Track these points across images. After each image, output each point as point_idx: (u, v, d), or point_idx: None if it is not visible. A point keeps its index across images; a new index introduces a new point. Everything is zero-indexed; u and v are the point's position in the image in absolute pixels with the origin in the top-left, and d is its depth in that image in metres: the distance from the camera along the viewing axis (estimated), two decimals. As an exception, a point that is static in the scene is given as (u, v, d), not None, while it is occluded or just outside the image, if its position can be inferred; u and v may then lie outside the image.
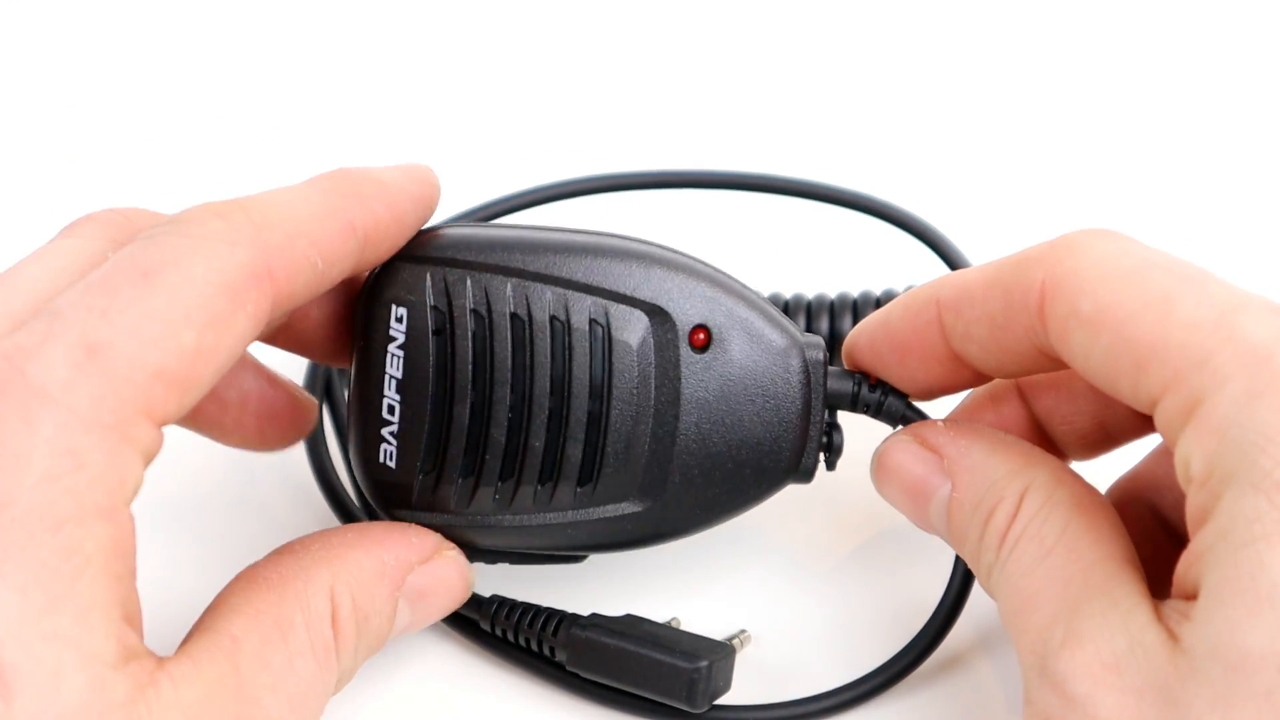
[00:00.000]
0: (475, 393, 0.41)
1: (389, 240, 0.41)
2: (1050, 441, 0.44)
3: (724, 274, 0.43)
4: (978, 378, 0.42)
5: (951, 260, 0.54)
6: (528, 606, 0.45)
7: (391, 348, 0.41)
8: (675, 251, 0.43)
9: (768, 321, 0.42)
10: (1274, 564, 0.33)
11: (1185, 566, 0.35)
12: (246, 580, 0.39)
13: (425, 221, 0.42)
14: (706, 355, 0.41)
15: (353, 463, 0.43)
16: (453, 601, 0.43)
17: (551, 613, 0.45)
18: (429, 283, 0.41)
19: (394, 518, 0.43)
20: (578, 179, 0.57)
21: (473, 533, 0.42)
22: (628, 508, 0.42)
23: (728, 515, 0.43)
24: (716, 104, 0.74)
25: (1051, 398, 0.44)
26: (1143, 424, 0.43)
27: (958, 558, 0.44)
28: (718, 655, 0.43)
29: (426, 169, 0.42)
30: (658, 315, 0.41)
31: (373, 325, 0.42)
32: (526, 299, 0.41)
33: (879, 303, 0.54)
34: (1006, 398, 0.44)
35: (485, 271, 0.41)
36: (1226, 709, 0.33)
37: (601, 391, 0.41)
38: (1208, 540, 0.34)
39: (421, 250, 0.42)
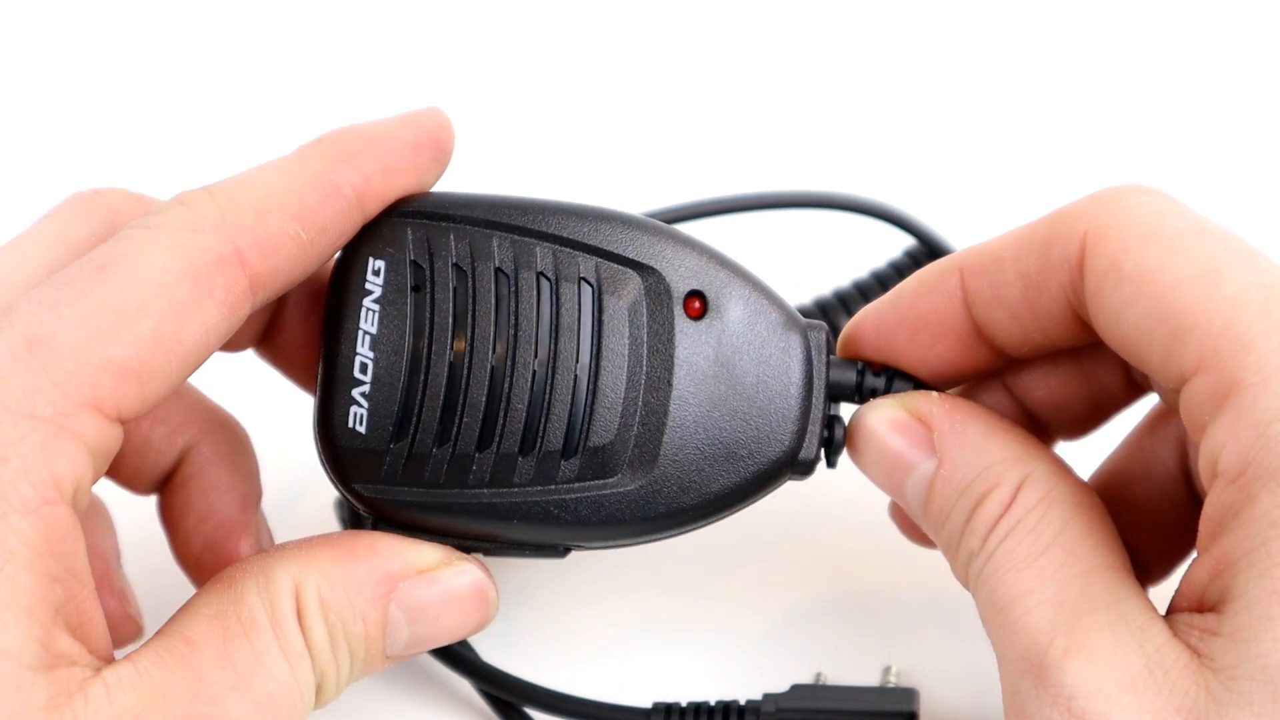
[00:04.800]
0: (454, 352, 0.39)
1: (390, 194, 0.39)
2: (1039, 425, 0.42)
3: (722, 252, 0.41)
4: (993, 357, 0.40)
5: (935, 248, 0.54)
6: (699, 706, 0.45)
7: (367, 301, 0.40)
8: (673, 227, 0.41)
9: (767, 298, 0.41)
10: None
11: (1207, 574, 0.34)
12: (213, 582, 0.37)
13: (437, 165, 0.41)
14: (702, 324, 0.40)
15: (316, 427, 0.40)
16: (466, 622, 0.39)
17: (727, 707, 0.45)
18: (410, 236, 0.40)
19: (355, 494, 0.40)
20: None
21: (444, 513, 0.40)
22: (616, 485, 0.40)
23: (721, 507, 0.40)
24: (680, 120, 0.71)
25: (1037, 382, 0.42)
26: (1132, 391, 0.42)
27: None
28: (908, 700, 0.45)
29: (432, 111, 0.40)
30: (652, 277, 0.40)
31: (347, 278, 0.40)
32: (513, 254, 0.40)
33: (860, 291, 0.55)
34: (989, 386, 0.42)
35: (471, 225, 0.40)
36: None
37: (590, 354, 0.40)
38: (1241, 546, 0.33)
39: (405, 207, 0.40)
